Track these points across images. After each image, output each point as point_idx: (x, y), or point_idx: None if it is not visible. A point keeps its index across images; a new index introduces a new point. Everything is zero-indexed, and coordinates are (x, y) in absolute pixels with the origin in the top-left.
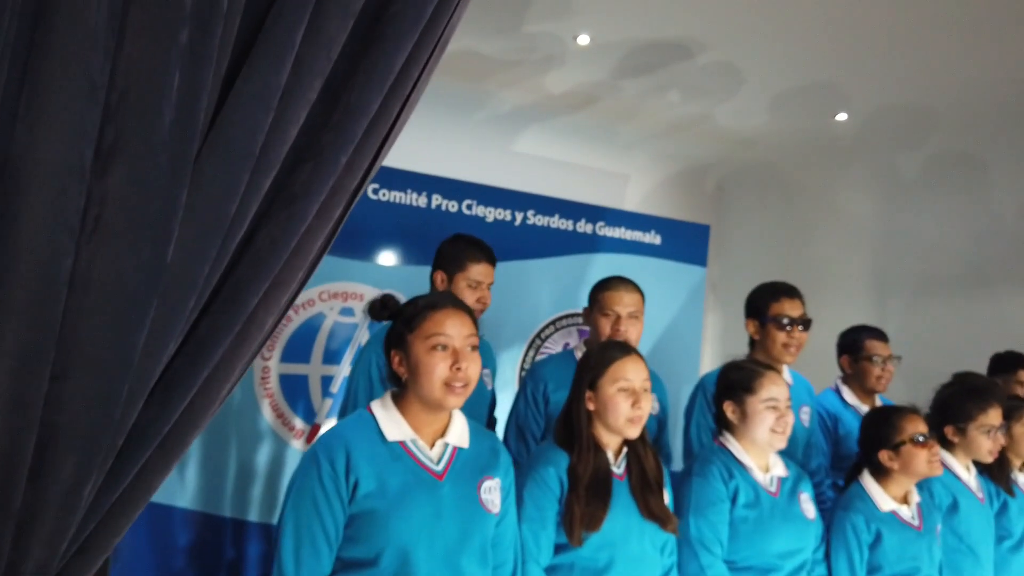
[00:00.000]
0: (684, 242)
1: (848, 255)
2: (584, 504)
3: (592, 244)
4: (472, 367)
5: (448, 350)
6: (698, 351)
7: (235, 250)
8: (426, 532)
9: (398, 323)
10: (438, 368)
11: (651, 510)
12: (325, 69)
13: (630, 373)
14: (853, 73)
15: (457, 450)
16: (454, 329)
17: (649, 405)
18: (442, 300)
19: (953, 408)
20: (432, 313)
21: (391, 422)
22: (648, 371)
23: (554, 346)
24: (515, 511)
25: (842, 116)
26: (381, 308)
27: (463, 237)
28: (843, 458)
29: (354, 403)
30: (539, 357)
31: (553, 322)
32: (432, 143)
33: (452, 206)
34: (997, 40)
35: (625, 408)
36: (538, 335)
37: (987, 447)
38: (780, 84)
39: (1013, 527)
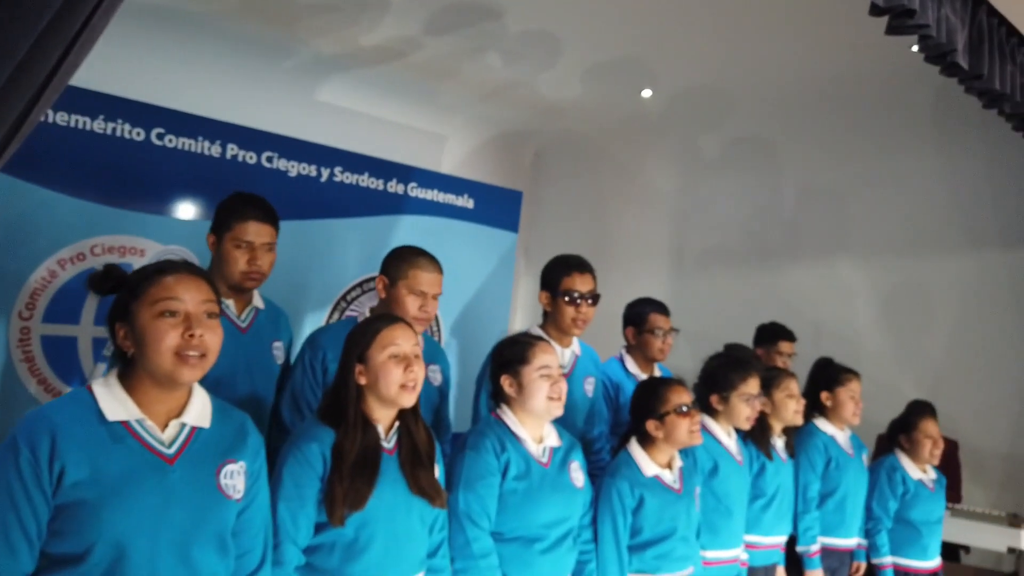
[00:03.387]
0: (497, 207)
1: (650, 227)
2: (348, 482)
3: (403, 205)
4: (210, 335)
5: (179, 316)
6: (507, 316)
7: None
8: (149, 522)
9: (123, 293)
10: (167, 336)
11: (420, 485)
12: None
13: (399, 339)
14: (659, 51)
15: (196, 431)
16: (187, 294)
17: (422, 372)
18: (172, 265)
19: (718, 378)
20: (160, 278)
21: (113, 400)
22: (417, 338)
23: (360, 309)
24: (265, 495)
25: (647, 92)
26: (103, 280)
27: (237, 194)
28: (623, 424)
29: None
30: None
31: (360, 284)
32: (230, 88)
33: (250, 157)
34: (789, 30)
35: (397, 374)
36: (343, 297)
37: (746, 414)
38: (592, 56)
39: (767, 487)
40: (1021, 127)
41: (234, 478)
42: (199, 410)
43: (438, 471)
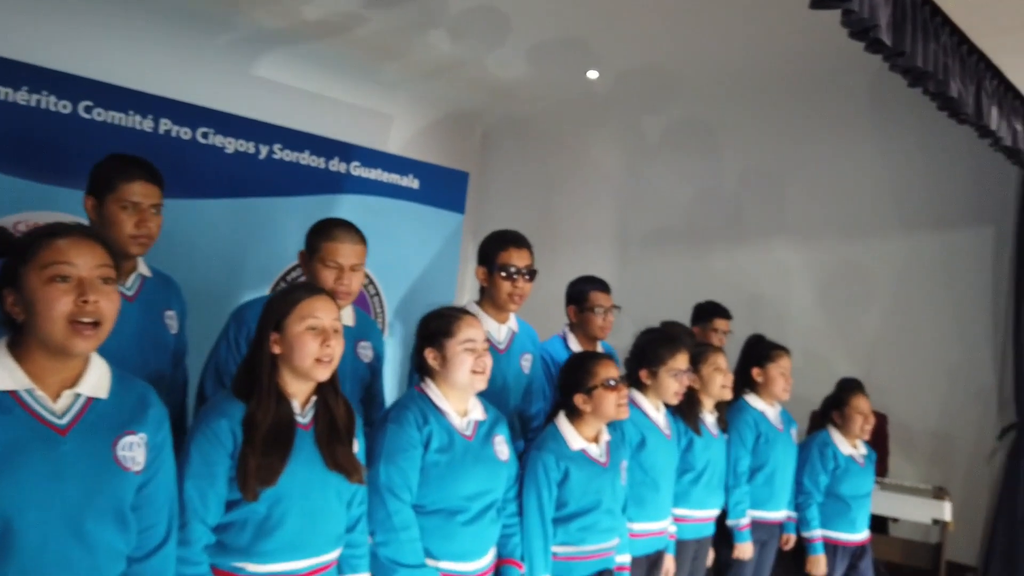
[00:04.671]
0: (443, 188)
1: (596, 208)
2: (260, 456)
3: (345, 184)
4: (105, 302)
5: (71, 281)
6: (453, 298)
7: None
8: (38, 495)
9: (12, 256)
10: (58, 302)
11: (337, 461)
12: None
13: (319, 311)
14: (604, 32)
15: (92, 402)
16: (80, 258)
17: (340, 347)
18: (65, 227)
19: (647, 353)
20: (51, 240)
21: (0, 369)
22: (338, 312)
23: None
24: (169, 469)
25: (593, 74)
26: None
27: (117, 155)
28: None
29: None
30: None
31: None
32: (164, 61)
33: (185, 133)
34: (732, 14)
35: (313, 348)
36: (283, 278)
37: (674, 389)
38: (538, 36)
39: (696, 462)
40: (945, 107)
41: (133, 450)
42: (96, 380)
43: (358, 446)
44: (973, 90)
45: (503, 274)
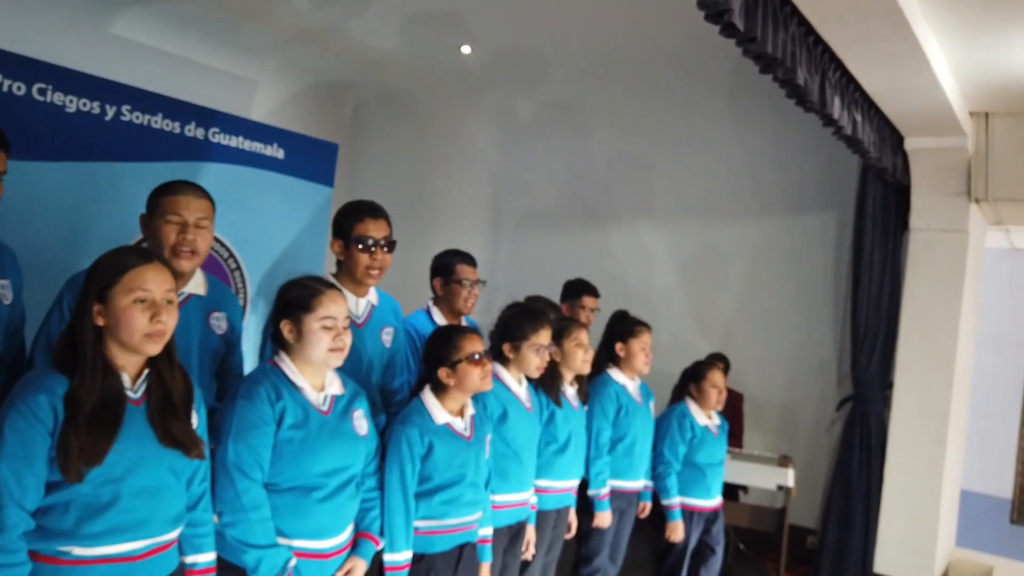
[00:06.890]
0: (310, 159)
1: (470, 185)
2: (84, 435)
3: (203, 151)
4: None
5: None
6: (321, 272)
7: None
8: None
9: None
10: None
11: (172, 436)
12: None
13: (149, 283)
14: (478, 7)
15: None
16: None
17: (174, 319)
18: None
19: (511, 327)
20: None
21: None
22: (172, 282)
23: None
24: None
25: (467, 49)
26: None
27: None
28: None
29: None
30: None
31: None
32: None
33: (18, 88)
34: None
35: (142, 323)
36: None
37: (536, 363)
38: (408, 5)
39: (558, 433)
40: (793, 94)
41: None
42: None
43: (197, 420)
44: (818, 79)
45: (360, 246)
